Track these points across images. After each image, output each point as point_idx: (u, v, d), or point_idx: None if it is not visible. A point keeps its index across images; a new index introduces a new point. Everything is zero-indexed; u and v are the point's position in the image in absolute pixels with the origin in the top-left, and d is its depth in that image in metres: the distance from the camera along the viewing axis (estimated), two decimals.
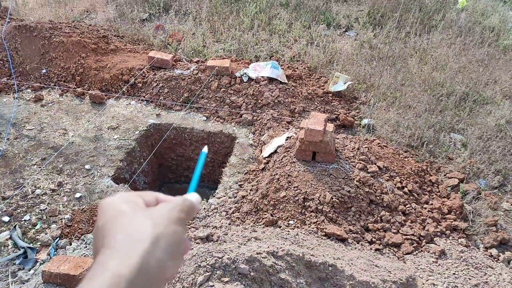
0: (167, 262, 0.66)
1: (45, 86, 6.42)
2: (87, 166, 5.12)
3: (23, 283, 3.74)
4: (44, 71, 6.55)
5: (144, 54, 6.96)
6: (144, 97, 6.28)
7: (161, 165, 6.21)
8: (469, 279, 3.51)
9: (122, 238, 0.65)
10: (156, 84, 6.33)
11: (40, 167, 5.01)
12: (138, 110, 6.12)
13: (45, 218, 4.48)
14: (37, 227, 4.40)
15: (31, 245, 4.18)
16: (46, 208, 4.56)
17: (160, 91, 6.29)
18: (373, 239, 4.00)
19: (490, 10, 8.21)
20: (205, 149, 0.93)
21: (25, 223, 4.40)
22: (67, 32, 6.86)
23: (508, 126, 5.53)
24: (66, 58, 6.55)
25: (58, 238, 4.28)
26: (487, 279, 3.55)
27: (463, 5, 8.03)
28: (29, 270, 3.96)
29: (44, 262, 3.97)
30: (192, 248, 2.76)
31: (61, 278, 3.50)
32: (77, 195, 4.75)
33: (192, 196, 0.79)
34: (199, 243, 2.89)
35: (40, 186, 4.79)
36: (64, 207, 4.61)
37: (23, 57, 6.59)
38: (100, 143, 5.47)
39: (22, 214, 4.48)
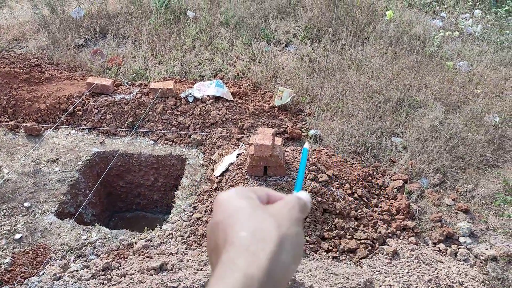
0: (291, 265, 0.62)
1: None
2: (26, 204, 4.76)
3: None
4: None
5: (82, 80, 6.69)
6: (85, 125, 6.01)
7: (110, 194, 5.94)
8: (422, 275, 3.66)
9: (246, 236, 0.62)
10: (97, 110, 6.09)
11: None
12: (79, 139, 5.83)
13: None
14: None
15: None
16: None
17: (102, 117, 6.06)
18: (330, 247, 4.07)
19: (415, 20, 8.87)
20: (306, 145, 0.90)
21: None
22: None
23: (441, 126, 5.94)
24: None
25: None
26: (438, 273, 3.73)
27: (390, 16, 8.61)
28: None
29: None
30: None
31: None
32: (17, 236, 4.39)
33: (303, 194, 0.75)
34: (152, 274, 2.77)
35: None
36: (2, 250, 4.24)
37: None
38: (39, 178, 5.12)
39: None
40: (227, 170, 4.95)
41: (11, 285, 3.94)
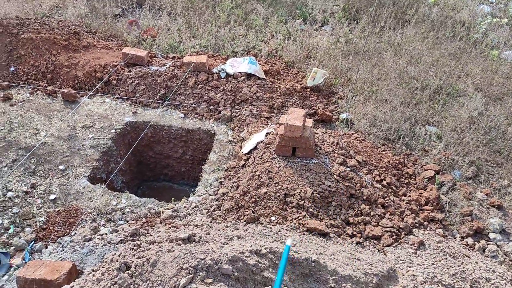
0: None
1: (14, 84, 6.16)
2: (61, 167, 4.95)
3: None
4: (12, 69, 6.29)
5: (118, 50, 6.78)
6: (119, 94, 6.13)
7: (139, 163, 6.09)
8: (447, 268, 3.60)
9: None
10: (131, 81, 6.18)
11: (11, 169, 4.81)
12: (113, 108, 5.96)
13: (18, 221, 4.31)
14: (10, 231, 4.23)
15: (4, 250, 4.02)
16: (19, 211, 4.39)
17: (135, 88, 6.15)
18: (354, 233, 4.04)
19: (461, 5, 8.42)
20: (288, 242, 0.87)
21: None
22: (35, 28, 6.60)
23: (480, 118, 5.69)
24: (35, 56, 6.30)
25: (33, 242, 4.13)
26: (464, 267, 3.65)
27: (434, 0, 8.19)
28: (3, 276, 3.81)
29: (18, 267, 3.82)
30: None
31: (37, 283, 3.38)
32: (52, 196, 4.59)
33: None
34: (180, 244, 2.84)
35: (12, 189, 4.60)
36: (38, 209, 4.45)
37: None
38: (74, 143, 5.30)
39: None
40: (255, 148, 4.96)
41: (45, 242, 4.15)
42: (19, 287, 3.44)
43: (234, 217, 4.14)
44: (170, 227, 3.87)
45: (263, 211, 4.13)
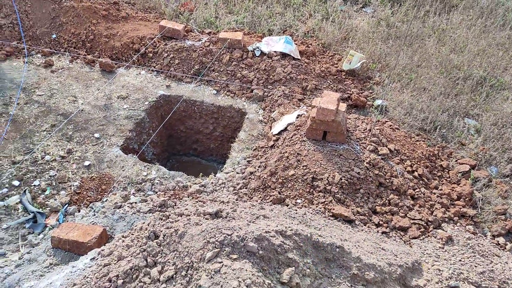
0: None
1: (55, 51, 6.34)
2: (96, 135, 5.11)
3: (33, 247, 3.82)
4: (54, 36, 6.46)
5: (155, 22, 6.82)
6: (154, 67, 6.20)
7: (170, 137, 6.20)
8: (475, 266, 3.51)
9: None
10: (167, 54, 6.23)
11: (50, 134, 5.02)
12: (148, 81, 6.05)
13: (54, 184, 4.52)
14: (47, 192, 4.45)
15: (40, 210, 4.24)
16: (56, 174, 4.59)
17: (170, 62, 6.20)
18: (380, 222, 3.99)
19: None
20: None
21: (35, 188, 4.45)
22: None
23: None
24: (76, 24, 6.43)
25: (67, 205, 4.33)
26: (493, 267, 3.55)
27: None
28: (39, 235, 4.03)
29: (53, 228, 4.03)
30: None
31: (70, 244, 3.56)
32: (86, 163, 4.77)
33: None
34: (208, 219, 2.90)
35: (50, 153, 4.81)
36: (73, 174, 4.64)
37: (33, 20, 6.48)
38: (109, 112, 5.44)
39: (31, 180, 4.52)
40: (285, 129, 4.93)
41: (78, 206, 4.34)
42: (53, 246, 3.63)
43: (260, 197, 4.17)
44: (197, 201, 3.94)
45: (289, 193, 4.14)
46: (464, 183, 4.52)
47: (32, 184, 4.48)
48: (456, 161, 4.88)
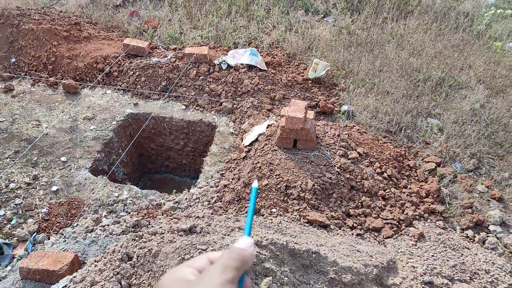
0: None
1: (15, 75, 6.16)
2: (63, 158, 4.97)
3: (0, 280, 3.64)
4: (13, 60, 6.28)
5: (119, 41, 6.76)
6: (120, 86, 6.12)
7: (141, 155, 6.10)
8: (447, 260, 3.62)
9: None
10: (132, 72, 6.17)
11: (13, 160, 4.84)
12: (114, 100, 5.96)
13: (21, 212, 4.34)
14: (13, 222, 4.26)
15: (7, 241, 4.05)
16: (22, 202, 4.42)
17: (137, 79, 6.14)
18: (354, 225, 4.06)
19: None
20: (255, 184, 0.87)
21: (0, 219, 4.26)
22: (36, 19, 6.57)
23: (482, 110, 5.68)
24: (36, 47, 6.28)
25: (35, 233, 4.17)
26: (464, 259, 3.67)
27: None
28: (6, 267, 3.85)
29: (21, 258, 3.86)
30: (176, 241, 2.73)
31: (40, 274, 3.42)
32: (54, 188, 4.62)
33: (242, 242, 0.75)
34: (182, 236, 2.86)
35: (14, 180, 4.63)
36: (40, 201, 4.48)
37: None
38: (76, 134, 5.31)
39: None
40: (256, 140, 4.96)
41: (47, 233, 4.18)
42: (22, 277, 3.47)
43: (235, 209, 4.16)
44: (172, 219, 3.89)
45: (264, 203, 4.15)
46: (431, 181, 4.67)
47: None
48: (422, 159, 5.05)
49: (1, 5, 7.22)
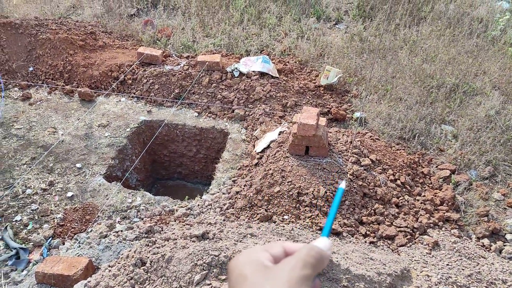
0: None
1: (32, 84, 6.31)
2: (78, 165, 5.06)
3: (16, 284, 3.70)
4: (31, 68, 6.44)
5: (133, 50, 6.87)
6: (134, 93, 6.22)
7: (154, 162, 6.17)
8: (462, 269, 3.55)
9: None
10: (146, 80, 6.26)
11: (30, 167, 4.94)
12: (128, 107, 6.05)
13: (36, 218, 4.42)
14: (29, 227, 4.34)
15: (23, 246, 4.13)
16: (38, 208, 4.50)
17: (150, 87, 6.23)
18: (367, 232, 4.02)
19: (478, 1, 8.25)
20: (343, 185, 0.85)
21: (17, 224, 4.34)
22: (53, 28, 6.73)
23: (497, 117, 5.59)
24: (53, 55, 6.43)
25: (50, 238, 4.23)
26: (479, 269, 3.60)
27: None
28: (22, 271, 3.92)
29: (37, 263, 3.92)
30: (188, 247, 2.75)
31: (55, 278, 3.47)
32: (69, 194, 4.70)
33: (321, 242, 0.74)
34: (194, 241, 2.88)
35: (31, 186, 4.72)
36: (56, 206, 4.56)
37: (9, 54, 6.45)
38: (90, 141, 5.40)
39: (13, 215, 4.42)
40: (268, 147, 4.97)
41: (62, 238, 4.25)
42: (38, 282, 3.53)
43: (247, 216, 4.16)
44: (184, 225, 3.91)
45: (276, 210, 4.15)
46: (446, 188, 4.61)
47: (13, 220, 4.37)
48: (436, 167, 4.98)
49: (20, 15, 7.43)
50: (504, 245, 4.06)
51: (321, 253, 0.71)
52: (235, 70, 6.21)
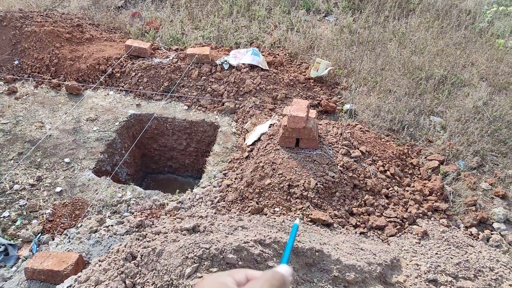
0: None
1: (18, 78, 6.19)
2: (66, 160, 4.99)
3: (5, 281, 3.66)
4: (16, 62, 6.31)
5: (121, 42, 6.78)
6: (122, 87, 6.14)
7: (144, 155, 6.12)
8: (451, 258, 3.61)
9: None
10: (134, 73, 6.19)
11: (17, 162, 4.86)
12: (117, 101, 5.98)
13: (25, 213, 4.37)
14: (18, 223, 4.29)
15: (12, 242, 4.07)
16: (26, 203, 4.44)
17: (139, 80, 6.16)
18: (358, 223, 4.06)
19: None
20: (297, 221, 0.97)
21: (5, 220, 4.28)
22: (39, 21, 6.60)
23: (485, 108, 5.66)
24: (39, 49, 6.31)
25: (40, 234, 4.19)
26: (468, 257, 3.66)
27: None
28: (11, 267, 3.87)
29: (26, 259, 3.88)
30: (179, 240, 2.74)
31: (45, 274, 3.44)
32: (58, 189, 4.64)
33: (282, 268, 0.79)
34: (185, 235, 2.87)
35: (19, 181, 4.65)
36: (44, 202, 4.50)
37: None
38: (79, 136, 5.34)
39: (0, 211, 4.35)
40: (258, 139, 4.96)
41: (52, 234, 4.20)
42: (27, 278, 3.49)
43: (238, 208, 4.16)
44: (175, 219, 3.90)
45: (267, 202, 4.15)
46: (434, 179, 4.66)
47: (1, 216, 4.31)
48: (425, 158, 5.04)
49: (4, 7, 7.26)
50: (492, 234, 4.13)
51: (284, 277, 0.76)
52: (225, 62, 6.17)
